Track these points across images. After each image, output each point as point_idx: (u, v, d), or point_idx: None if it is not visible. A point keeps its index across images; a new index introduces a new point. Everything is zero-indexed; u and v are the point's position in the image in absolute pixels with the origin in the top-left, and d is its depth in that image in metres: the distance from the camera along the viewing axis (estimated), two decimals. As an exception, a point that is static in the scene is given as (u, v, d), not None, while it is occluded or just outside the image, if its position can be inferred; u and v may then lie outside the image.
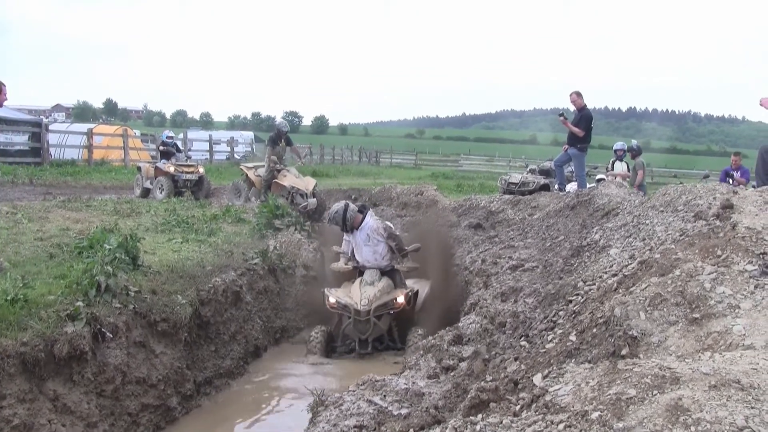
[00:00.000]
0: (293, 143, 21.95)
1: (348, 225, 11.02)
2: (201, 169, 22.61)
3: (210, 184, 23.21)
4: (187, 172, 21.68)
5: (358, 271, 11.44)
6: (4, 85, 9.11)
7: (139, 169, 22.64)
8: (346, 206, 11.10)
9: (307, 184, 19.11)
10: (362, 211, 11.34)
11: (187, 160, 24.32)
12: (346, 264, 11.62)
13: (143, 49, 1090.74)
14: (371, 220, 11.28)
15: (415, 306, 11.60)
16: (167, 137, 23.72)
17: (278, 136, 20.33)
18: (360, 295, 10.60)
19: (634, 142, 19.06)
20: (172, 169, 21.22)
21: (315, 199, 18.62)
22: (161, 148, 22.92)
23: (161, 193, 20.53)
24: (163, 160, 22.01)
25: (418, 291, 11.69)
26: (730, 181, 15.63)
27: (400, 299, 10.82)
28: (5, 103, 9.15)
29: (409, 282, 11.97)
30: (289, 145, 21.15)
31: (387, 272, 11.33)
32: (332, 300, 10.70)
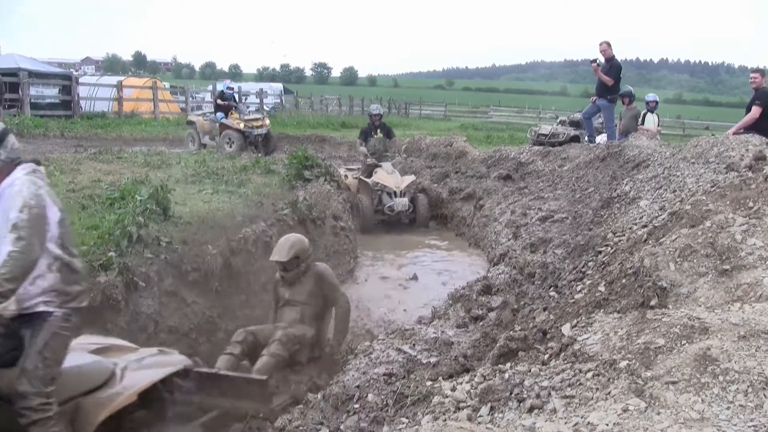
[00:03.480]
0: (393, 134, 17.71)
1: None
2: (268, 122, 21.76)
3: (275, 137, 22.73)
4: (257, 127, 20.87)
5: None
6: None
7: (191, 123, 22.14)
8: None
9: (400, 181, 15.55)
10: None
11: (249, 113, 22.95)
12: None
13: (172, 0, 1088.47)
14: (24, 176, 4.41)
15: None
16: (227, 88, 22.35)
17: (372, 126, 17.01)
18: None
19: (628, 88, 18.39)
20: (242, 125, 20.46)
21: (405, 199, 15.24)
22: (218, 101, 21.77)
23: (230, 147, 19.95)
24: (219, 114, 21.11)
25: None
26: None
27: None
28: (36, 56, 9.19)
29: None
30: (389, 137, 17.24)
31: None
32: None
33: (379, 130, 16.98)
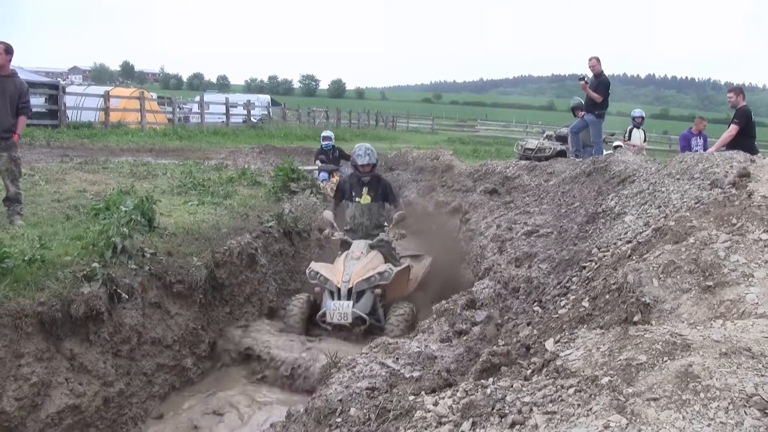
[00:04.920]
0: (395, 198, 11.27)
1: None
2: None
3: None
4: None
5: None
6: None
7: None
8: None
9: (355, 272, 9.66)
10: None
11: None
12: None
13: (160, 10, 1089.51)
14: None
15: None
16: (323, 139, 18.26)
17: (356, 181, 10.93)
18: None
19: (578, 99, 18.29)
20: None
21: (348, 305, 9.33)
22: (318, 160, 17.91)
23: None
24: (323, 174, 17.16)
25: None
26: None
27: None
28: (23, 64, 9.19)
29: None
30: (386, 200, 10.99)
31: None
32: None
33: (366, 190, 10.75)
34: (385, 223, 10.77)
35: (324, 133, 18.35)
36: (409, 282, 10.99)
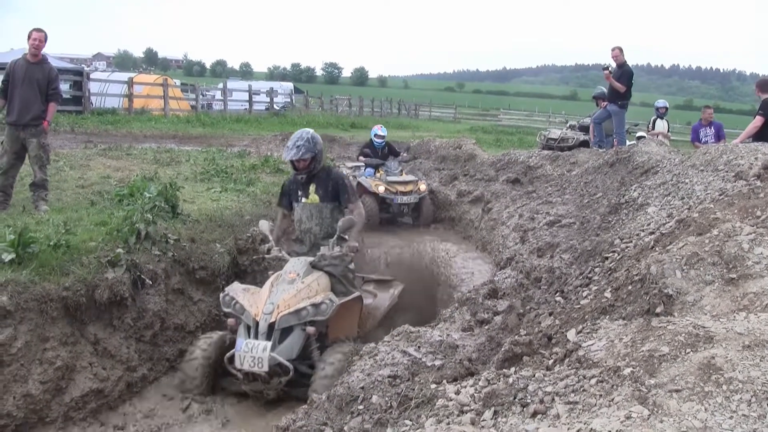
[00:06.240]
0: (350, 195, 8.23)
1: None
2: (423, 187, 15.66)
3: (433, 206, 16.23)
4: (404, 193, 15.23)
5: None
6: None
7: None
8: None
9: (281, 301, 7.01)
10: None
11: (402, 171, 16.03)
12: None
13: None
14: None
15: None
16: (376, 136, 16.41)
17: (297, 179, 8.22)
18: None
19: (601, 89, 18.20)
20: (381, 188, 15.05)
21: (266, 347, 6.69)
22: (362, 156, 16.38)
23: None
24: (367, 170, 15.91)
25: None
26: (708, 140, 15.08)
27: None
28: (47, 51, 9.25)
29: None
30: (337, 200, 8.14)
31: None
32: None
33: (314, 188, 8.16)
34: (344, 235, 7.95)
35: (377, 131, 16.37)
36: (365, 317, 8.50)
